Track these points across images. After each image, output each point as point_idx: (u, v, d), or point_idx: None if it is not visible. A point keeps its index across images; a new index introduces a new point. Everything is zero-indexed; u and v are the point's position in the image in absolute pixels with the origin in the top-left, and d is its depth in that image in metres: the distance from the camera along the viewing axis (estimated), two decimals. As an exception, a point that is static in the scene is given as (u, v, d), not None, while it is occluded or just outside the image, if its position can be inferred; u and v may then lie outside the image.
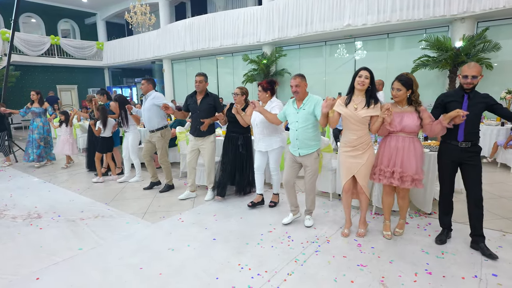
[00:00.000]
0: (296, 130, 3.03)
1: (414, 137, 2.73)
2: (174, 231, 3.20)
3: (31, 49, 13.61)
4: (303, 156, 3.07)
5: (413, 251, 2.67)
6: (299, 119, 3.01)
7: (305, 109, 3.00)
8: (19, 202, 4.19)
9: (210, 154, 4.00)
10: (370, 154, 2.80)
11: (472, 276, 2.30)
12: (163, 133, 4.38)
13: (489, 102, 2.55)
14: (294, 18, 9.73)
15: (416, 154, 2.69)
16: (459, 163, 2.65)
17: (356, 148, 2.79)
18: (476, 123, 2.58)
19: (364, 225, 3.03)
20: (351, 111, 2.74)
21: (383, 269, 2.42)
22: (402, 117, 2.69)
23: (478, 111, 2.56)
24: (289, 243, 2.86)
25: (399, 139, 2.72)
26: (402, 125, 2.68)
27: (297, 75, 3.08)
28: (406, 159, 2.68)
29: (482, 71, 2.61)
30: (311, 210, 3.27)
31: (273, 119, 3.26)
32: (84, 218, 3.57)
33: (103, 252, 2.82)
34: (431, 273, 2.34)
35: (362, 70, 2.73)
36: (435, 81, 8.27)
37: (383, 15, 8.13)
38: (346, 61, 10.01)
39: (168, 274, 2.43)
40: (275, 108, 3.40)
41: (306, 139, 3.02)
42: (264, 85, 3.46)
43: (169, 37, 13.06)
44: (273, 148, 3.54)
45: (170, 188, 4.54)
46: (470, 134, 2.56)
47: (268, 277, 2.35)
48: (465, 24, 7.52)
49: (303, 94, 3.05)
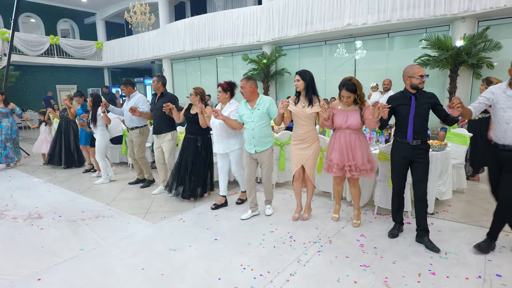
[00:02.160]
0: (252, 129, 3.24)
1: (359, 132, 3.01)
2: (175, 231, 3.19)
3: (30, 49, 13.59)
4: (259, 153, 3.30)
5: (416, 251, 2.66)
6: (254, 118, 3.23)
7: (259, 109, 3.23)
8: (19, 202, 4.17)
9: (167, 151, 4.21)
10: (316, 146, 3.18)
11: (476, 276, 2.29)
12: (142, 130, 4.53)
13: (433, 102, 2.68)
14: (294, 17, 9.72)
15: (362, 147, 2.98)
16: (410, 161, 2.79)
17: (304, 141, 3.15)
18: (423, 123, 2.71)
19: (309, 210, 3.40)
20: (300, 108, 3.10)
21: (386, 269, 2.41)
22: (348, 116, 2.98)
23: (425, 111, 2.70)
24: (291, 244, 2.85)
25: (346, 135, 3.00)
26: (347, 124, 2.97)
27: (244, 77, 3.27)
28: (353, 152, 2.97)
29: None
30: (270, 199, 3.56)
31: (234, 125, 3.40)
32: (85, 218, 3.56)
33: (104, 252, 2.80)
34: (435, 274, 2.33)
35: (296, 74, 3.11)
36: (436, 81, 8.27)
37: (383, 15, 8.12)
38: (346, 60, 10.01)
39: (170, 275, 2.41)
40: (234, 112, 3.47)
41: (262, 137, 3.25)
42: (224, 86, 3.52)
43: (169, 37, 13.05)
44: (232, 150, 3.60)
45: (151, 183, 4.76)
46: (419, 133, 2.70)
47: (271, 278, 2.33)
48: (466, 23, 7.52)
49: (250, 96, 3.26)
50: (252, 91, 3.24)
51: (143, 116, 4.39)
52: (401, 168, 2.84)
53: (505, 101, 2.42)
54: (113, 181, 5.07)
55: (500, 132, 2.46)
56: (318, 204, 3.82)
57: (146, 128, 4.58)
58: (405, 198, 3.12)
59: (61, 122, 6.05)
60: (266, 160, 3.32)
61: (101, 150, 4.87)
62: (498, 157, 2.52)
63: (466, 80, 7.81)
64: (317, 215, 3.46)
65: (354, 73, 9.85)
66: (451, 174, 3.58)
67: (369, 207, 3.63)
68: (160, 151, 4.32)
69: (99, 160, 4.91)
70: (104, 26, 16.84)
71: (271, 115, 3.25)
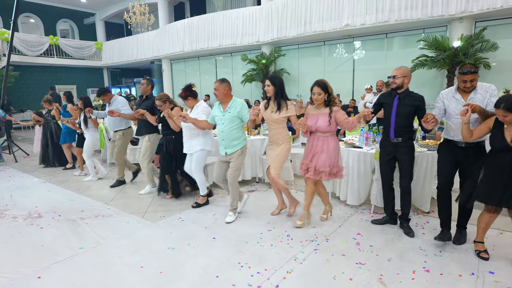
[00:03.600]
0: (222, 132, 3.29)
1: (329, 135, 3.07)
2: (174, 230, 3.22)
3: (30, 49, 13.61)
4: (229, 155, 3.33)
5: (411, 249, 2.70)
6: (225, 121, 3.26)
7: (231, 112, 3.25)
8: (19, 202, 4.20)
9: (142, 152, 4.32)
10: (283, 148, 3.23)
11: (469, 273, 2.33)
12: (125, 132, 4.70)
13: (417, 105, 2.80)
14: (293, 18, 9.76)
15: (329, 150, 3.03)
16: (394, 157, 2.94)
17: (274, 142, 3.27)
18: (404, 123, 2.84)
19: (293, 204, 3.47)
20: (268, 114, 3.21)
21: (381, 267, 2.45)
22: (317, 119, 3.05)
23: (407, 113, 2.82)
24: (288, 242, 2.89)
25: (315, 137, 3.10)
26: (316, 126, 3.05)
27: (218, 80, 3.30)
28: (322, 155, 3.03)
29: (407, 73, 2.84)
30: (233, 206, 3.43)
31: (204, 126, 3.45)
32: (85, 218, 3.59)
33: (103, 251, 2.84)
34: (429, 271, 2.37)
35: (266, 79, 3.19)
36: (433, 81, 8.32)
37: (381, 15, 8.17)
38: (345, 61, 10.05)
39: (168, 273, 2.45)
40: (200, 113, 3.53)
41: (232, 139, 3.28)
42: (182, 95, 3.61)
43: (168, 37, 13.08)
44: (195, 151, 3.63)
45: (121, 183, 4.85)
46: (400, 132, 2.85)
47: (268, 275, 2.37)
48: (463, 24, 7.57)
49: (223, 98, 3.28)
50: (225, 93, 3.26)
51: (122, 117, 4.51)
52: (387, 165, 3.00)
53: (455, 104, 2.63)
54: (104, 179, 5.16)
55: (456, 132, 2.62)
56: (315, 203, 3.85)
57: (129, 130, 4.76)
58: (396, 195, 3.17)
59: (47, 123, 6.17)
60: (235, 162, 3.33)
61: (90, 150, 5.03)
62: (454, 153, 2.69)
63: (463, 80, 7.85)
64: (314, 214, 3.49)
65: (352, 73, 9.90)
66: (447, 174, 3.62)
67: (366, 206, 3.67)
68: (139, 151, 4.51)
69: (86, 159, 5.04)
70: (103, 27, 16.86)
71: (243, 118, 3.28)
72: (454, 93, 2.64)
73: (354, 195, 3.62)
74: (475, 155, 2.58)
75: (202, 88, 14.04)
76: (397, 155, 2.92)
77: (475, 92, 2.55)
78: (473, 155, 2.58)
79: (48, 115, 6.09)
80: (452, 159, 2.69)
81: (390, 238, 2.91)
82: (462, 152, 2.63)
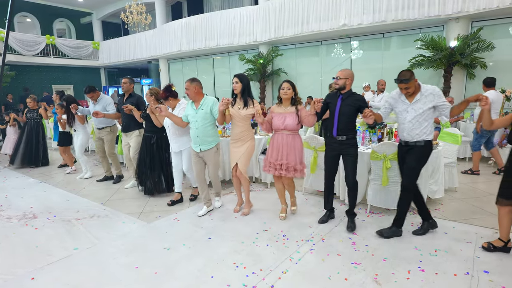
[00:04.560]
0: (196, 129, 3.37)
1: (296, 134, 3.21)
2: (170, 230, 3.21)
3: (26, 49, 13.51)
4: (203, 152, 3.44)
5: (406, 249, 2.70)
6: (198, 118, 3.36)
7: (203, 109, 3.36)
8: (14, 202, 4.17)
9: (133, 147, 4.46)
10: (249, 145, 3.38)
11: (464, 273, 2.33)
12: (112, 128, 4.91)
13: (358, 105, 2.97)
14: (290, 17, 9.75)
15: (296, 148, 3.18)
16: (339, 153, 3.09)
17: (240, 139, 3.38)
18: (347, 121, 3.00)
19: (248, 205, 3.58)
20: (236, 110, 3.32)
21: (376, 266, 2.44)
22: (285, 117, 3.16)
23: (349, 111, 2.99)
24: (284, 242, 2.88)
25: (283, 136, 3.20)
26: (284, 125, 3.16)
27: (188, 79, 3.39)
28: (288, 152, 3.16)
29: (349, 75, 3.02)
30: (218, 192, 3.77)
31: (178, 122, 3.53)
32: (80, 218, 3.57)
33: (98, 251, 2.82)
34: (424, 270, 2.37)
35: (234, 76, 3.33)
36: (430, 81, 8.33)
37: (378, 15, 8.17)
38: (342, 60, 10.05)
39: (164, 273, 2.44)
40: (182, 111, 3.64)
41: (205, 136, 3.38)
42: (163, 96, 3.73)
43: (165, 37, 13.03)
44: (185, 148, 3.74)
45: (121, 178, 5.06)
46: (343, 130, 3.01)
47: (263, 275, 2.36)
48: (459, 24, 7.58)
49: (195, 96, 3.39)
50: (196, 92, 3.36)
51: (107, 117, 4.70)
52: (331, 159, 3.15)
53: (401, 105, 2.83)
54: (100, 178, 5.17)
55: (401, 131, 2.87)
56: (312, 203, 3.86)
57: (115, 126, 5.00)
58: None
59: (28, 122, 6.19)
60: (210, 159, 3.45)
61: (83, 146, 5.19)
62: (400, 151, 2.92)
63: (460, 80, 7.88)
64: (311, 214, 3.50)
65: (350, 73, 9.89)
66: (442, 173, 3.63)
67: (362, 205, 3.67)
68: (128, 148, 4.61)
69: (79, 156, 5.19)
70: (100, 26, 16.77)
71: (214, 114, 3.38)
72: (400, 94, 2.86)
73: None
74: (412, 153, 2.79)
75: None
76: (341, 152, 3.08)
77: (421, 94, 2.76)
78: (410, 153, 2.80)
79: (36, 114, 6.14)
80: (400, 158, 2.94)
81: (385, 238, 2.90)
82: (403, 150, 2.88)
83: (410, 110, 2.77)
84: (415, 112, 2.74)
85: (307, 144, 3.97)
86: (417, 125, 2.74)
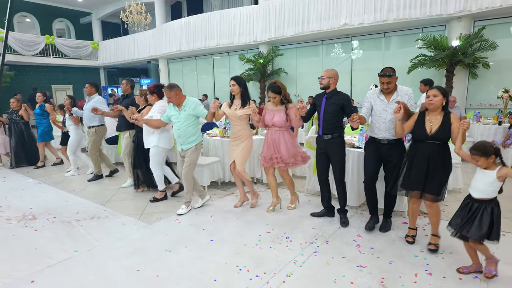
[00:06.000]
0: (178, 129, 3.50)
1: (285, 130, 3.38)
2: (171, 232, 3.16)
3: (25, 49, 13.46)
4: (185, 151, 3.55)
5: (412, 251, 2.65)
6: (181, 119, 3.47)
7: (186, 111, 3.47)
8: (13, 203, 4.12)
9: (123, 148, 4.59)
10: (246, 144, 3.52)
11: (472, 277, 2.29)
12: (97, 129, 5.01)
13: (342, 104, 3.06)
14: (290, 17, 9.70)
15: (286, 143, 3.35)
16: (326, 152, 3.17)
17: (237, 138, 3.53)
18: (331, 120, 3.09)
19: (255, 196, 3.77)
20: (232, 111, 3.47)
21: (382, 269, 2.40)
22: (274, 115, 3.36)
23: (333, 110, 3.07)
24: (288, 244, 2.84)
25: (273, 132, 3.40)
26: (273, 121, 3.36)
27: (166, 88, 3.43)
28: (279, 147, 3.35)
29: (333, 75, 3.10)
30: (187, 199, 3.66)
31: (155, 125, 3.68)
32: (80, 220, 3.52)
33: (98, 254, 2.77)
34: (431, 274, 2.33)
35: (230, 80, 3.47)
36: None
37: (379, 14, 8.13)
38: (342, 60, 10.01)
39: (165, 276, 2.39)
40: (156, 112, 3.78)
41: (187, 136, 3.50)
42: (151, 89, 3.88)
43: (165, 37, 12.98)
44: (152, 146, 3.88)
45: (98, 177, 5.18)
46: (328, 129, 3.11)
47: (267, 279, 2.32)
48: (461, 23, 7.54)
49: (177, 101, 3.49)
50: (178, 97, 3.45)
51: (105, 115, 4.85)
52: (321, 157, 3.23)
53: (380, 104, 2.91)
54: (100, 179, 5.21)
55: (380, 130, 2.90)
56: (315, 204, 3.81)
57: (102, 127, 5.08)
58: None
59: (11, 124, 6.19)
60: (189, 157, 3.53)
61: (73, 146, 5.36)
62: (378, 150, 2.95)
63: (462, 80, 7.84)
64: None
65: (350, 73, 9.86)
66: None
67: (366, 207, 3.61)
68: None
69: (70, 154, 5.37)
70: (100, 26, 16.72)
71: (199, 114, 3.50)
72: (378, 94, 2.93)
73: (353, 195, 3.58)
74: (396, 150, 2.88)
75: (199, 88, 13.99)
76: (327, 150, 3.15)
77: (397, 93, 2.86)
78: (394, 150, 2.88)
79: (16, 116, 6.15)
80: (376, 156, 2.95)
81: (391, 240, 2.87)
82: (385, 148, 2.90)
83: (388, 109, 2.85)
84: None
85: (309, 145, 3.93)
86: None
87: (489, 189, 2.16)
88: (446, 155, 2.58)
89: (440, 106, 2.55)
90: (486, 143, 2.17)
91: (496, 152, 2.13)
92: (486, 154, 2.12)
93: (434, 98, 2.52)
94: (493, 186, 2.15)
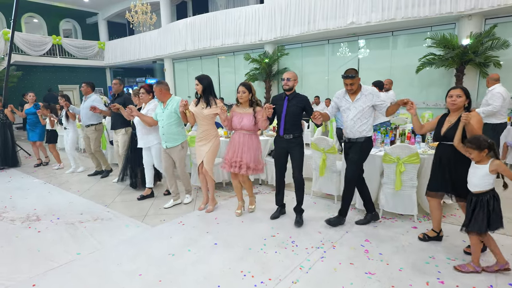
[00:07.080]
0: (162, 127, 3.62)
1: (252, 133, 3.35)
2: (175, 235, 3.11)
3: (33, 49, 13.57)
4: (169, 149, 3.67)
5: (422, 258, 2.56)
6: (164, 117, 3.59)
7: (168, 109, 3.59)
8: (18, 204, 4.12)
9: (121, 145, 4.70)
10: (213, 144, 3.51)
11: (487, 285, 2.19)
12: (97, 127, 5.15)
13: (303, 106, 3.15)
14: (296, 16, 9.60)
15: (253, 147, 3.31)
16: (287, 151, 3.23)
17: (203, 138, 3.51)
18: (293, 121, 3.15)
19: (212, 202, 3.70)
20: (199, 110, 3.43)
21: (392, 277, 2.31)
22: (242, 118, 3.30)
23: (295, 111, 3.14)
24: (293, 249, 2.76)
25: (240, 135, 3.34)
26: (241, 124, 3.29)
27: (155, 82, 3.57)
28: (245, 151, 3.29)
29: (296, 77, 3.18)
30: (188, 189, 3.95)
31: (148, 121, 3.76)
32: (83, 221, 3.49)
33: (101, 257, 2.74)
34: (443, 282, 2.23)
35: (195, 79, 3.45)
36: (441, 80, 8.12)
37: (387, 13, 7.98)
38: (349, 60, 9.87)
39: (168, 281, 2.34)
40: (151, 110, 3.87)
41: (171, 134, 3.60)
42: (146, 88, 3.95)
43: (170, 36, 12.97)
44: (152, 145, 3.94)
45: (109, 172, 5.38)
46: (289, 129, 3.16)
47: (272, 285, 2.25)
48: (472, 21, 7.36)
49: (161, 97, 3.62)
50: (161, 93, 3.59)
51: (103, 113, 4.96)
52: (280, 157, 3.29)
53: (345, 103, 3.07)
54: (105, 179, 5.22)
55: (345, 128, 3.08)
56: (321, 207, 3.73)
57: (100, 125, 5.24)
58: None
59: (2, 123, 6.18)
60: (177, 156, 3.67)
61: (73, 144, 5.62)
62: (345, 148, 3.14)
63: (472, 79, 7.65)
64: (320, 218, 3.36)
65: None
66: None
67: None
68: (117, 144, 4.82)
69: (70, 152, 5.59)
70: (106, 26, 16.80)
71: (178, 113, 3.55)
72: (344, 94, 3.09)
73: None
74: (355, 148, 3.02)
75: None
76: (289, 150, 3.22)
77: (361, 93, 2.99)
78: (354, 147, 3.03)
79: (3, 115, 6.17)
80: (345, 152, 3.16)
81: (400, 245, 2.78)
82: (346, 145, 3.12)
83: (352, 108, 2.99)
84: (356, 109, 2.98)
85: (316, 146, 3.85)
86: (358, 122, 2.98)
87: (483, 182, 2.25)
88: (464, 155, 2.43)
89: (462, 106, 2.54)
90: (481, 137, 2.23)
91: (490, 146, 2.20)
92: (479, 148, 2.20)
93: (458, 98, 2.51)
94: (487, 179, 2.24)
